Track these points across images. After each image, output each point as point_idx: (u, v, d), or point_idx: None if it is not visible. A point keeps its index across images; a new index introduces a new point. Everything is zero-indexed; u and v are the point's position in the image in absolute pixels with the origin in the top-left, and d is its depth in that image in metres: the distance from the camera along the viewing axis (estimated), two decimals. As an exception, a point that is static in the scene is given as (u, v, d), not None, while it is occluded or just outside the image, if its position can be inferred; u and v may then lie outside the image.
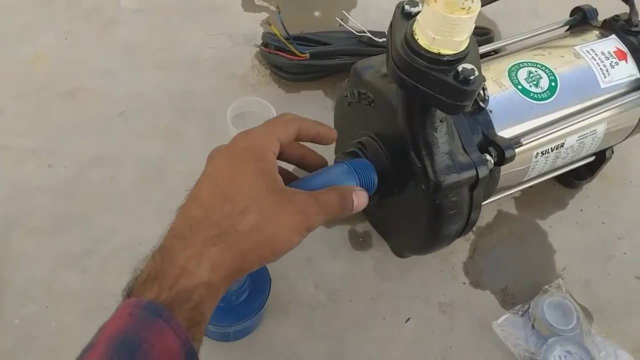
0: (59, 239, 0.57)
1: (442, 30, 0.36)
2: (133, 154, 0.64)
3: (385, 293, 0.57)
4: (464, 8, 0.35)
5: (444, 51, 0.37)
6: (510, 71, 0.51)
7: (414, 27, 0.38)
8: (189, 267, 0.32)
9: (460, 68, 0.36)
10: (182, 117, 0.68)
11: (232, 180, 0.35)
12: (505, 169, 0.50)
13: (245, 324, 0.49)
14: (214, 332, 0.51)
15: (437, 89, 0.37)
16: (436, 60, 0.37)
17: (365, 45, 0.69)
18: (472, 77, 0.36)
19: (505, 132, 0.48)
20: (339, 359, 0.53)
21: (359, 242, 0.61)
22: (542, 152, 0.51)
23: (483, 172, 0.45)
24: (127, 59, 0.72)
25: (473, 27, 0.36)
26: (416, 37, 0.37)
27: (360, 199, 0.40)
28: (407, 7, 0.40)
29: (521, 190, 0.65)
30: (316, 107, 0.70)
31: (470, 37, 0.38)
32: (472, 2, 0.35)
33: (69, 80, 0.69)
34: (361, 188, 0.42)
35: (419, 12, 0.38)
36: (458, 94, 0.37)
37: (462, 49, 0.37)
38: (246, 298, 0.49)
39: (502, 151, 0.46)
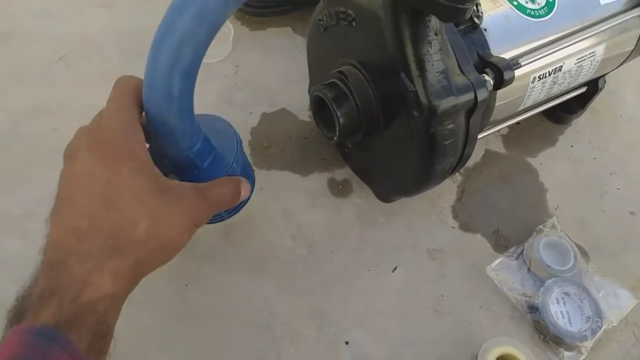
0: (-6, 199, 0.50)
1: None
2: (78, 103, 0.56)
3: (369, 242, 0.52)
4: None
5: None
6: (503, -13, 0.45)
7: None
8: (91, 280, 0.31)
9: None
10: (133, 61, 0.59)
11: (109, 184, 0.33)
12: (500, 97, 0.45)
13: None
14: None
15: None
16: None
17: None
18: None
19: (502, 53, 0.43)
20: (322, 316, 0.48)
21: (339, 189, 0.55)
22: (539, 77, 0.46)
23: (482, 94, 0.39)
24: (66, -3, 0.64)
25: None
26: None
27: (245, 191, 0.40)
28: None
29: (509, 127, 0.61)
30: (285, 46, 0.63)
31: None
32: None
33: (1, 23, 0.61)
34: (244, 179, 0.41)
35: None
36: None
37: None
38: (214, 159, 0.41)
39: (501, 72, 0.40)
